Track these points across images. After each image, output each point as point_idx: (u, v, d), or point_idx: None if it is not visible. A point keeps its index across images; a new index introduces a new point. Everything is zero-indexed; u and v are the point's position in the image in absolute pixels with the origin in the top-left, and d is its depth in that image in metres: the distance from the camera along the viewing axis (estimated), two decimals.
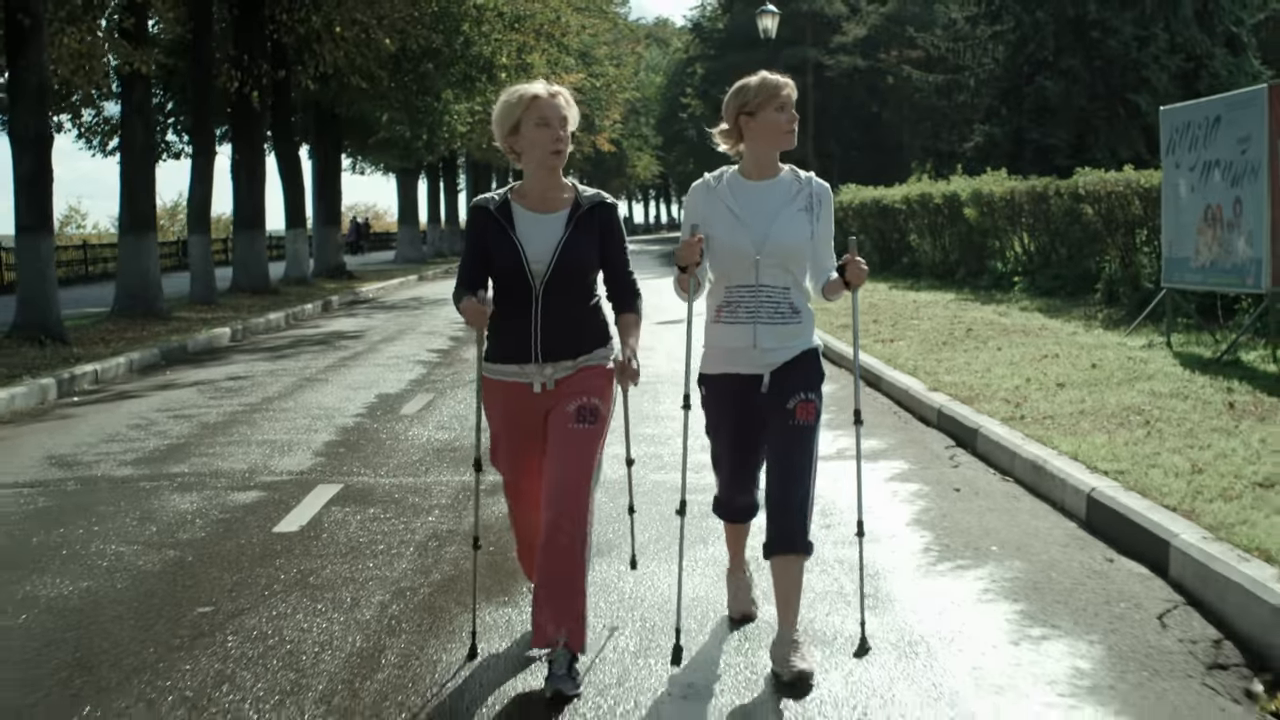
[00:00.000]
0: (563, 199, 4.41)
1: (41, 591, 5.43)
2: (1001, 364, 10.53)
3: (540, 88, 4.34)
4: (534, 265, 4.29)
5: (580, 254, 4.34)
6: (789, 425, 4.32)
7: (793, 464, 4.31)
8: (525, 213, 4.37)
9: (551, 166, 4.33)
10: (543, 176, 4.37)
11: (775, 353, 4.36)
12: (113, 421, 10.16)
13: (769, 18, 25.32)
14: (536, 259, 4.29)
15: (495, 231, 4.34)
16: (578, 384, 4.34)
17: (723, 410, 4.48)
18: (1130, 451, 6.75)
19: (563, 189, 4.43)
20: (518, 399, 4.35)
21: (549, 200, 4.39)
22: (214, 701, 4.11)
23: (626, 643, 4.60)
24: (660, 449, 8.10)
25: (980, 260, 21.07)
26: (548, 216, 4.36)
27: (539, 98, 4.28)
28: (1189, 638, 4.57)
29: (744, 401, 4.41)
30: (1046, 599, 5.00)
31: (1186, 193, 11.43)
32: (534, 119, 4.27)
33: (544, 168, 4.33)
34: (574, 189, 4.45)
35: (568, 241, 4.31)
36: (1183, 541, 5.18)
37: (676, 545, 4.76)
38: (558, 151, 4.30)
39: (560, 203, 4.40)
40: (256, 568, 5.68)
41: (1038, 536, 5.94)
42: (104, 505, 7.04)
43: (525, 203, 4.40)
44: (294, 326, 20.09)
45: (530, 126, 4.28)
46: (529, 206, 4.39)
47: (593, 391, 4.34)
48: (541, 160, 4.31)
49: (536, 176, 4.38)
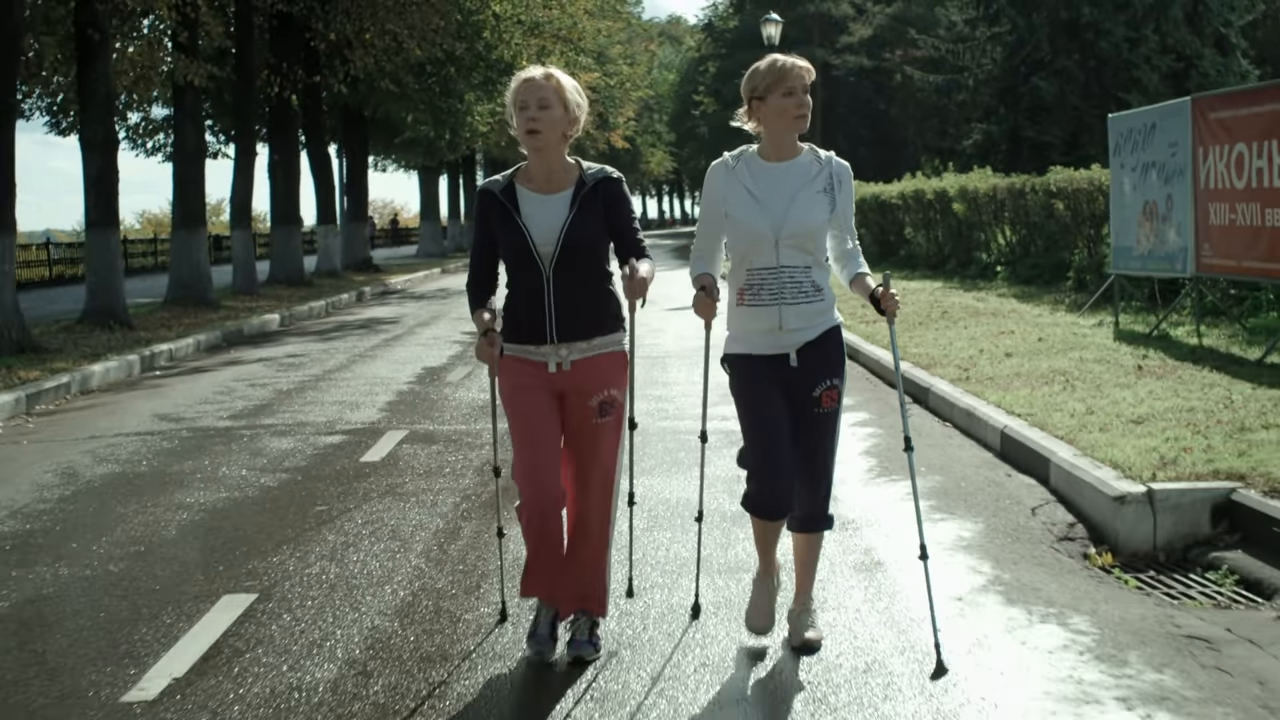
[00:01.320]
0: (568, 178, 4.40)
1: (189, 500, 7.11)
2: (963, 339, 12.17)
3: (533, 71, 4.38)
4: (541, 247, 4.31)
5: (587, 233, 4.34)
6: (815, 414, 4.40)
7: (819, 450, 4.45)
8: (530, 194, 4.38)
9: (533, 147, 4.33)
10: (536, 157, 4.38)
11: (801, 332, 4.38)
12: (199, 389, 11.87)
13: (772, 25, 26.95)
14: (543, 241, 4.30)
15: (501, 215, 4.36)
16: (595, 376, 4.38)
17: (752, 389, 4.44)
18: (1044, 401, 8.40)
19: (566, 168, 4.42)
20: (532, 376, 4.39)
21: (553, 180, 4.39)
22: (346, 557, 5.80)
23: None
24: (667, 405, 9.77)
25: (968, 251, 22.67)
26: (552, 197, 4.37)
27: (524, 81, 4.33)
28: (1050, 522, 6.23)
29: (771, 379, 4.41)
30: (952, 498, 6.66)
31: (1129, 190, 13.04)
32: (518, 102, 4.32)
33: (528, 148, 4.36)
34: (578, 166, 4.45)
35: (573, 221, 4.31)
36: (1059, 458, 6.83)
37: (685, 477, 6.34)
38: (531, 131, 4.29)
39: (565, 182, 4.39)
40: (353, 483, 7.37)
41: (959, 462, 7.60)
42: (217, 446, 8.74)
43: (530, 184, 4.40)
44: (333, 314, 21.82)
45: (515, 110, 4.33)
46: (534, 188, 4.39)
47: (611, 384, 4.41)
48: (523, 141, 4.35)
49: (531, 158, 4.40)
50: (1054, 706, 3.90)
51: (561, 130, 4.32)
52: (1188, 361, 9.95)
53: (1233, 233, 10.77)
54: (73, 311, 18.38)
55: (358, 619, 4.91)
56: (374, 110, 33.22)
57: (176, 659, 4.51)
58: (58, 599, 5.33)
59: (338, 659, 4.48)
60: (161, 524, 6.56)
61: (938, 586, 4.62)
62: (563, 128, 4.32)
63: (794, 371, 4.38)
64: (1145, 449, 6.68)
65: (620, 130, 58.82)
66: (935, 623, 4.36)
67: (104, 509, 6.93)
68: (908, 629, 4.64)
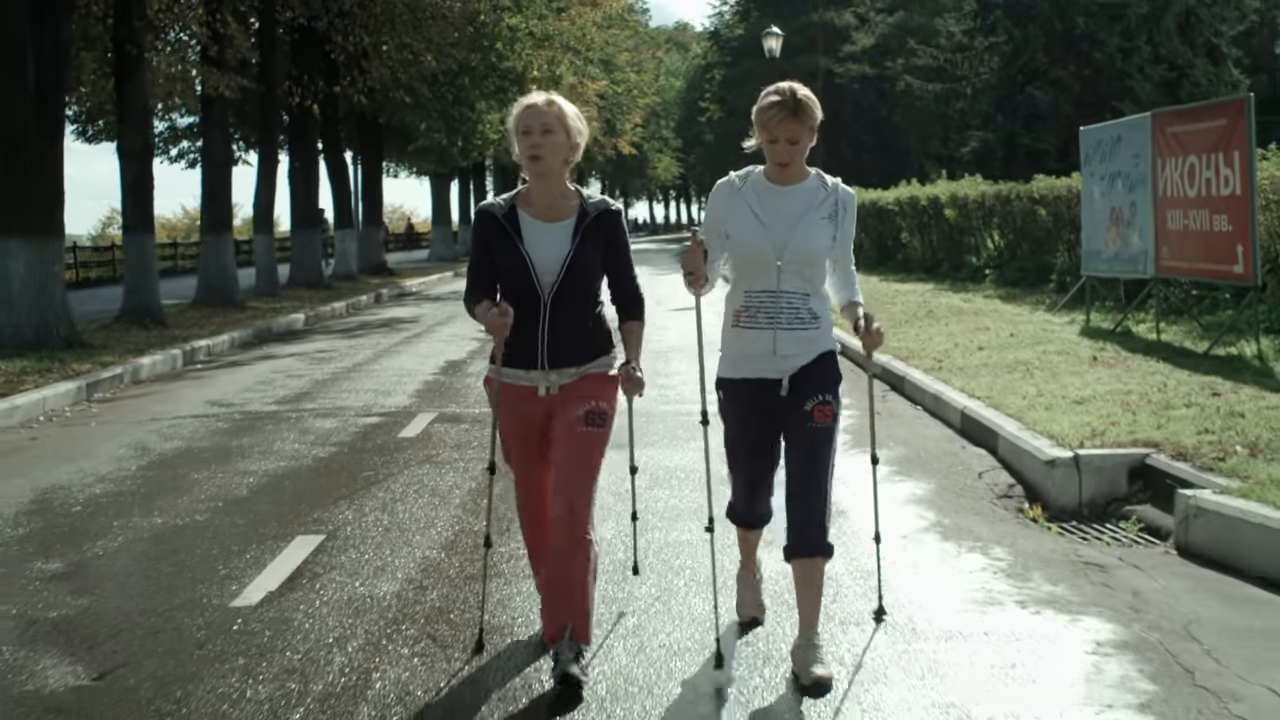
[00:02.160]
0: (568, 206, 4.42)
1: (252, 468, 8.19)
2: (942, 335, 13.23)
3: (535, 97, 4.42)
4: (543, 277, 4.33)
5: (588, 265, 4.37)
6: (807, 428, 4.35)
7: (812, 466, 4.35)
8: (532, 221, 4.39)
9: (536, 173, 4.36)
10: (538, 183, 4.41)
11: (795, 358, 4.36)
12: (241, 379, 12.97)
13: (773, 39, 28.03)
14: (545, 270, 4.33)
15: (502, 239, 4.37)
16: (585, 390, 4.42)
17: (741, 415, 4.46)
18: (1002, 386, 9.46)
19: (567, 195, 4.44)
20: (522, 400, 4.45)
21: (554, 208, 4.40)
22: (395, 509, 6.87)
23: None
24: (669, 392, 10.83)
25: (959, 255, 23.72)
26: (554, 225, 4.38)
27: (526, 108, 4.37)
28: (993, 483, 7.30)
29: (762, 406, 4.40)
30: (912, 465, 7.73)
31: (1098, 197, 14.10)
32: (520, 127, 4.35)
33: (529, 173, 4.40)
34: (578, 194, 4.47)
35: (576, 254, 4.34)
36: (1006, 432, 7.90)
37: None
38: (533, 158, 4.32)
39: (566, 210, 4.41)
40: (394, 454, 8.46)
41: (923, 437, 8.67)
42: (268, 426, 9.83)
43: (532, 210, 4.41)
44: (354, 314, 22.93)
45: (518, 135, 4.37)
46: (535, 215, 4.40)
47: (600, 396, 4.42)
48: (525, 167, 4.38)
49: (532, 183, 4.43)
50: (965, 607, 4.97)
51: (563, 156, 4.36)
52: (1140, 354, 11.00)
53: (1186, 237, 11.82)
54: (101, 312, 19.48)
55: (410, 551, 5.99)
56: (389, 118, 34.35)
57: (268, 579, 5.59)
58: (158, 540, 6.41)
59: (398, 579, 5.56)
60: (232, 485, 7.64)
61: (888, 530, 5.62)
62: (564, 154, 4.36)
63: (783, 399, 4.38)
64: (1080, 424, 7.73)
65: (627, 136, 59.95)
66: (881, 591, 4.86)
67: (179, 475, 8.02)
68: (859, 559, 5.70)
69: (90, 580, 5.73)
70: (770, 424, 4.43)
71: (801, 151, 4.34)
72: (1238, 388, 8.76)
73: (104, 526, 6.72)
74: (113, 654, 4.71)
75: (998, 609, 4.95)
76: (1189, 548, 5.86)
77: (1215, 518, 5.75)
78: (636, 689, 4.24)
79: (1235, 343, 11.04)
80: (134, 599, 5.41)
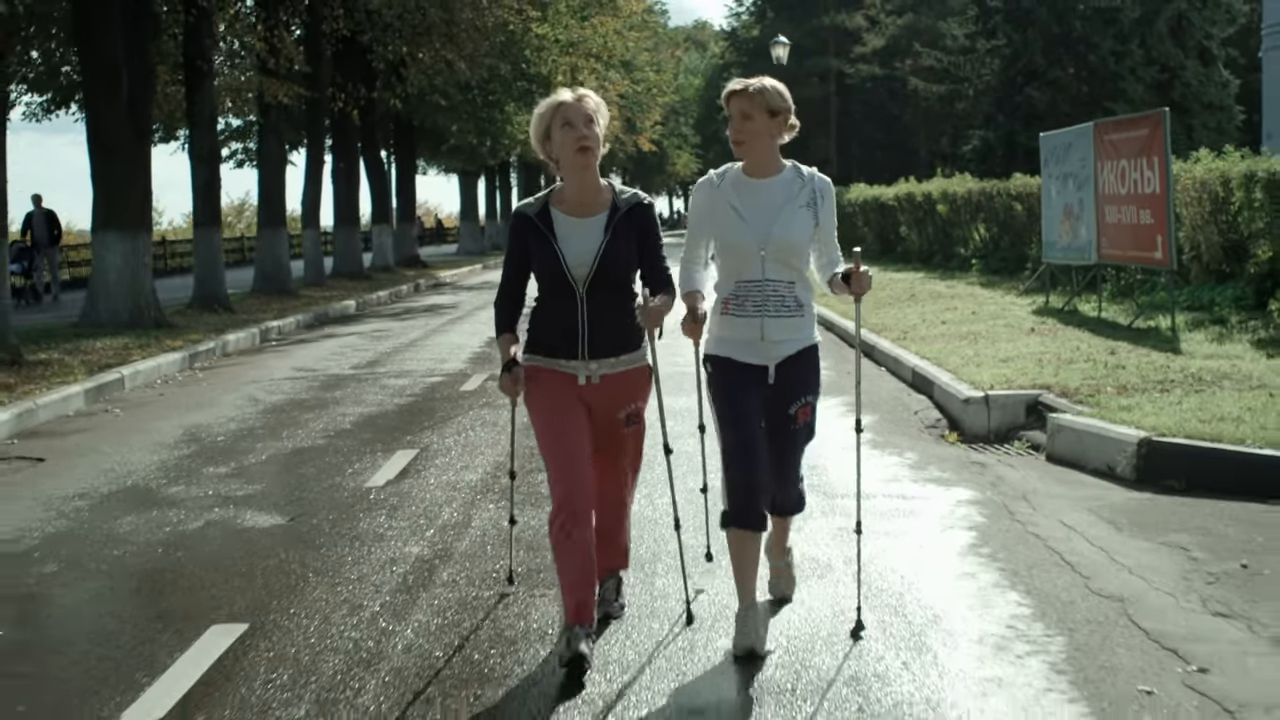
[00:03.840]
0: (600, 201, 4.52)
1: (348, 411, 10.41)
2: (915, 314, 15.38)
3: (566, 94, 4.51)
4: (575, 270, 4.44)
5: (620, 257, 4.49)
6: (789, 429, 4.64)
7: (790, 463, 4.75)
8: (565, 218, 4.49)
9: (582, 165, 4.44)
10: (576, 178, 4.49)
11: (782, 345, 4.55)
12: (316, 352, 15.23)
13: (780, 47, 30.15)
14: (578, 264, 4.44)
15: (536, 238, 4.49)
16: (622, 391, 4.61)
17: (731, 386, 4.59)
18: (950, 351, 11.60)
19: (599, 191, 4.53)
20: (562, 385, 4.56)
21: (586, 204, 4.50)
22: (467, 438, 9.08)
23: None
24: (678, 365, 13.00)
25: (950, 247, 25.82)
26: (587, 220, 4.48)
27: (563, 103, 4.45)
28: (924, 419, 9.47)
29: (749, 384, 4.58)
30: (865, 407, 9.82)
31: (1055, 195, 16.22)
32: (560, 122, 4.42)
33: (574, 168, 4.45)
34: (610, 189, 4.57)
35: (608, 247, 4.45)
36: (941, 381, 10.06)
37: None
38: (583, 149, 4.41)
39: (598, 205, 4.51)
40: (459, 402, 10.67)
41: (880, 389, 10.84)
42: (350, 384, 12.06)
43: (564, 207, 4.51)
44: (398, 301, 25.21)
45: (558, 130, 4.43)
46: (568, 211, 4.50)
47: (637, 397, 4.67)
48: (570, 161, 4.44)
49: (571, 179, 4.51)
50: (875, 480, 7.14)
51: (601, 146, 4.50)
52: (1074, 326, 13.14)
53: (1120, 229, 13.94)
54: (166, 300, 21.70)
55: (483, 458, 8.20)
56: (423, 120, 36.64)
57: (384, 474, 7.80)
58: (294, 454, 8.63)
59: (477, 473, 7.77)
60: (337, 422, 9.88)
61: (832, 439, 7.76)
62: (601, 143, 4.50)
63: (770, 388, 4.57)
64: (998, 375, 9.88)
65: (648, 134, 62.04)
66: (860, 589, 4.93)
67: (292, 417, 10.25)
68: (826, 490, 7.86)
69: (254, 476, 7.96)
70: (756, 399, 4.57)
71: (755, 132, 4.49)
72: (1134, 350, 10.90)
73: (248, 448, 8.96)
74: (292, 510, 6.93)
75: (897, 483, 7.14)
76: (1053, 455, 8.02)
77: (1070, 432, 7.92)
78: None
79: (1155, 317, 13.16)
80: (292, 486, 7.64)
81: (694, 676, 4.32)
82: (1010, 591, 5.15)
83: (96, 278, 17.55)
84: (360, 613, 5.08)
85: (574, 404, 4.55)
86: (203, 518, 6.84)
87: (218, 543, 6.32)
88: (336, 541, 6.23)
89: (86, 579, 5.79)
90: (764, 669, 4.35)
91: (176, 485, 7.73)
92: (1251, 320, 12.43)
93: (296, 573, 5.70)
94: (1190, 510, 6.37)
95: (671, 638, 4.71)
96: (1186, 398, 8.39)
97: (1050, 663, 4.34)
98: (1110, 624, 4.69)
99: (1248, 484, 6.64)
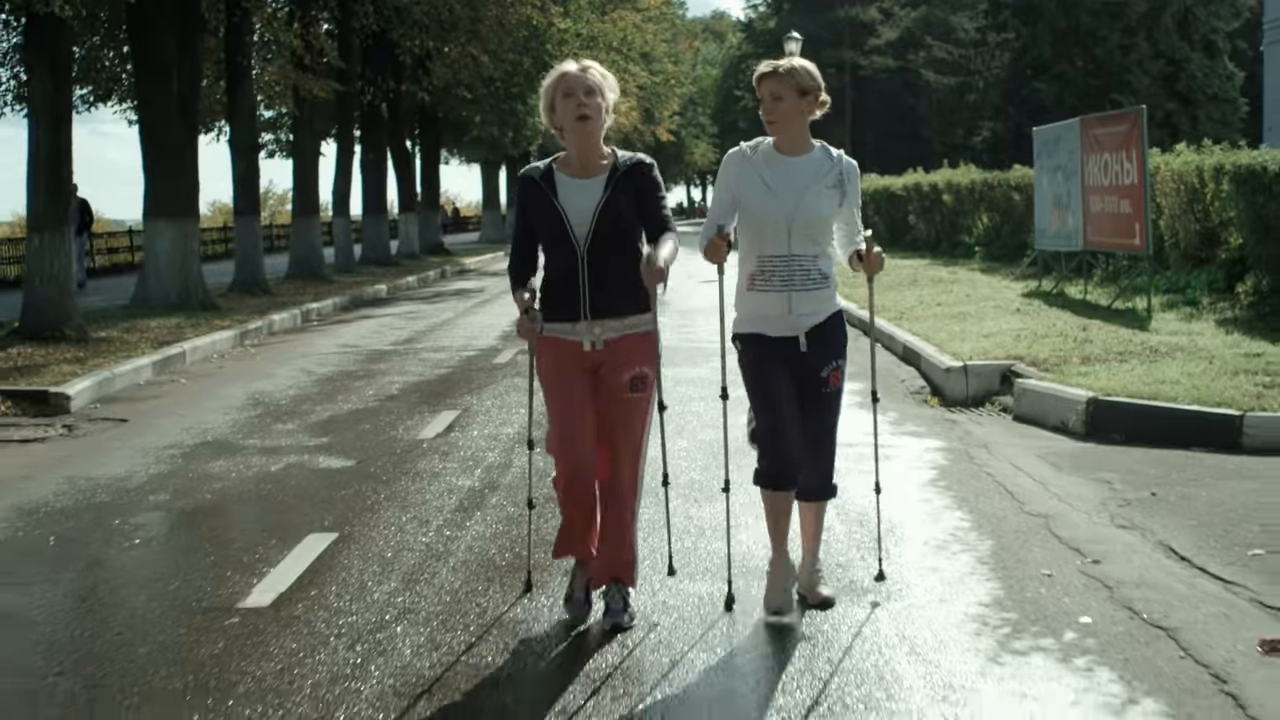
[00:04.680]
0: (602, 164, 4.69)
1: (394, 380, 11.58)
2: (913, 297, 16.48)
3: (570, 65, 4.70)
4: (576, 228, 4.60)
5: (619, 213, 4.62)
6: (822, 393, 4.79)
7: (825, 426, 4.87)
8: (567, 179, 4.67)
9: (583, 132, 4.61)
10: (578, 144, 4.66)
11: (809, 316, 4.69)
12: (356, 330, 16.43)
13: (793, 43, 31.22)
14: (579, 221, 4.60)
15: (539, 198, 4.66)
16: (628, 355, 4.71)
17: (762, 361, 4.73)
18: (939, 328, 12.70)
19: (602, 155, 4.71)
20: (569, 354, 4.71)
21: (589, 166, 4.67)
22: (503, 399, 10.24)
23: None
24: (692, 335, 14.15)
25: (955, 235, 26.88)
26: (588, 181, 4.65)
27: (566, 74, 4.64)
28: (911, 385, 10.59)
29: (780, 356, 4.72)
30: (857, 376, 11.02)
31: (1046, 185, 17.29)
32: (562, 92, 4.61)
33: (575, 134, 4.62)
34: (613, 154, 4.73)
35: (607, 202, 4.60)
36: (926, 353, 11.18)
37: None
38: (582, 116, 4.58)
39: (600, 168, 4.68)
40: (492, 372, 11.85)
41: (882, 368, 11.92)
42: (393, 358, 13.25)
43: (568, 170, 4.70)
44: (426, 286, 26.43)
45: (560, 99, 4.62)
46: (571, 174, 4.69)
47: (642, 361, 4.73)
48: (572, 127, 4.61)
49: (573, 145, 4.68)
50: (856, 433, 8.23)
51: (603, 115, 4.66)
52: (1056, 307, 14.24)
53: (1103, 217, 15.01)
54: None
55: (519, 418, 9.35)
56: (447, 112, 37.81)
57: (433, 429, 8.96)
58: (352, 414, 9.80)
59: (515, 427, 8.92)
60: (386, 388, 11.07)
61: None
62: (604, 113, 4.66)
63: (803, 355, 4.71)
64: (978, 348, 11.00)
65: (665, 124, 63.09)
66: (881, 544, 5.31)
67: (344, 385, 11.43)
68: None
69: (319, 431, 9.14)
70: (787, 371, 4.73)
71: (787, 112, 4.66)
72: (1105, 327, 12.00)
73: (309, 409, 10.14)
74: (358, 455, 8.10)
75: (876, 436, 8.24)
76: (1018, 415, 9.14)
77: (1032, 394, 9.04)
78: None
79: (1133, 299, 14.24)
80: (353, 438, 8.81)
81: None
82: (957, 511, 6.31)
83: (148, 262, 18.77)
84: (427, 525, 6.25)
85: (579, 374, 4.73)
86: (282, 461, 8.03)
87: (299, 479, 7.50)
88: (399, 478, 7.41)
89: (196, 504, 6.98)
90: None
91: (252, 438, 8.91)
92: (1220, 302, 13.52)
93: (370, 499, 6.87)
94: (1123, 455, 7.50)
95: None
96: (1139, 366, 9.51)
97: (978, 558, 5.50)
98: (1031, 533, 5.84)
99: (1175, 435, 7.77)
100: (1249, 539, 5.56)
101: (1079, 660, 4.26)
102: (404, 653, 4.51)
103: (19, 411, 10.35)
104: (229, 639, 4.71)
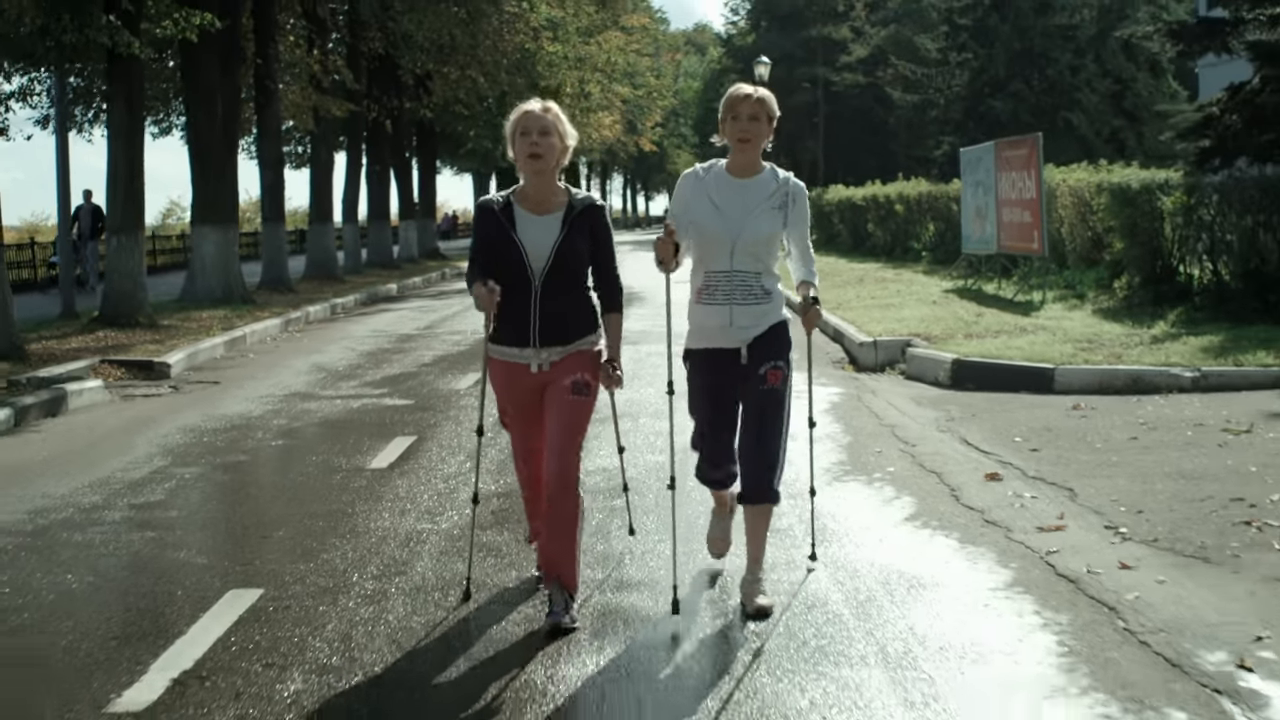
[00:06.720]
0: (557, 201, 4.93)
1: (424, 354, 14.42)
2: (853, 292, 19.38)
3: (532, 104, 4.94)
4: (534, 263, 4.85)
5: (575, 251, 4.91)
6: (760, 390, 5.01)
7: (764, 423, 5.01)
8: (525, 214, 4.91)
9: (533, 169, 4.84)
10: (532, 180, 4.89)
11: (750, 329, 4.96)
12: (382, 320, 19.30)
13: (762, 66, 34.17)
14: (536, 256, 4.85)
15: (498, 230, 4.89)
16: (571, 365, 4.98)
17: (705, 380, 5.05)
18: (868, 316, 15.58)
19: (556, 192, 4.94)
20: (517, 376, 5.03)
21: (545, 203, 4.91)
22: None
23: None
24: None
25: (907, 241, 29.83)
26: (545, 218, 4.90)
27: (526, 112, 4.89)
28: (834, 357, 13.50)
29: (724, 372, 5.00)
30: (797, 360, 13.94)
31: (970, 198, 20.26)
32: (520, 129, 4.86)
33: (526, 171, 4.86)
34: (567, 192, 4.96)
35: (563, 242, 4.87)
36: (849, 332, 14.09)
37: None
38: (532, 155, 4.81)
39: (555, 205, 4.92)
40: None
41: (814, 345, 14.84)
42: (420, 339, 16.11)
43: (525, 205, 4.92)
44: (430, 286, 29.32)
45: (518, 136, 4.86)
46: (528, 209, 4.91)
47: (584, 369, 5.00)
48: (522, 165, 4.86)
49: (528, 181, 4.91)
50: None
51: (557, 156, 4.86)
52: (968, 300, 17.17)
53: (1011, 226, 17.96)
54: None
55: None
56: (443, 127, 40.69)
57: (462, 384, 11.79)
58: (398, 376, 12.63)
59: None
60: (419, 359, 13.94)
61: None
62: (558, 154, 4.86)
63: (743, 366, 5.00)
64: (889, 328, 13.88)
65: (648, 135, 65.96)
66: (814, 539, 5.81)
67: (384, 358, 14.28)
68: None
69: (377, 386, 11.97)
70: (730, 387, 5.01)
71: (758, 133, 4.92)
72: (998, 314, 14.93)
73: (363, 373, 12.99)
74: (413, 397, 10.94)
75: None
76: (907, 374, 12.04)
77: (918, 358, 11.96)
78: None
79: (1032, 293, 17.17)
80: (405, 390, 11.65)
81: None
82: (834, 425, 9.21)
83: (194, 262, 21.62)
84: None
85: (527, 394, 5.06)
86: (358, 402, 10.92)
87: (376, 411, 10.39)
88: (448, 411, 10.30)
89: (307, 423, 9.85)
90: None
91: (326, 391, 11.77)
92: (1102, 296, 16.46)
93: (433, 422, 9.76)
94: (968, 397, 10.41)
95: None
96: (1004, 339, 12.44)
97: (835, 445, 8.41)
98: (879, 434, 8.75)
99: (1010, 382, 10.66)
100: (1018, 434, 8.48)
101: (878, 486, 7.21)
102: (466, 513, 7.36)
103: (131, 377, 13.17)
104: (362, 486, 7.60)
